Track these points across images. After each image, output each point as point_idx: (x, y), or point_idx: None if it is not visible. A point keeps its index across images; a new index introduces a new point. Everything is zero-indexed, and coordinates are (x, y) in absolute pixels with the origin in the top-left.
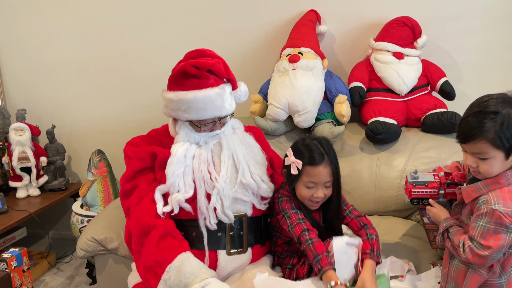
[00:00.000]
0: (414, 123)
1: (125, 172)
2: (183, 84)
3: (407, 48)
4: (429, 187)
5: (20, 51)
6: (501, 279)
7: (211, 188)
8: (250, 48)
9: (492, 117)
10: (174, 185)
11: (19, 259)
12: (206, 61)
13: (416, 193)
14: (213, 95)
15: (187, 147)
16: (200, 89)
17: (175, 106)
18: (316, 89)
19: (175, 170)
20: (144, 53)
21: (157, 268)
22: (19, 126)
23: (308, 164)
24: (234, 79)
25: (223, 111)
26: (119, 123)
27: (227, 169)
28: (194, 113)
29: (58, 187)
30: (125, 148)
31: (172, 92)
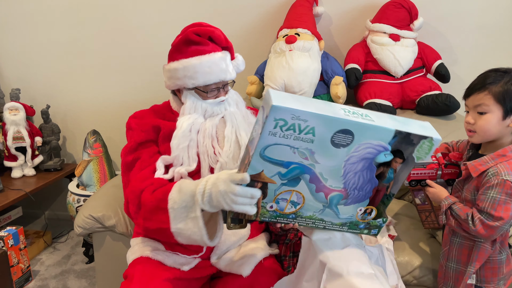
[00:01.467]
0: (409, 105)
1: (127, 144)
2: (186, 52)
3: (404, 30)
4: (428, 168)
5: (14, 30)
6: (502, 255)
7: (215, 162)
8: (247, 29)
9: (501, 74)
10: (178, 157)
11: (15, 238)
12: (206, 29)
13: (414, 175)
14: (217, 59)
15: (192, 121)
16: (204, 54)
17: (180, 74)
18: (312, 70)
19: (180, 143)
20: (139, 33)
21: (161, 204)
22: (14, 105)
23: None
24: (232, 47)
25: (227, 75)
26: (114, 103)
27: (231, 144)
28: (201, 77)
29: (54, 167)
30: (128, 121)
31: (176, 62)
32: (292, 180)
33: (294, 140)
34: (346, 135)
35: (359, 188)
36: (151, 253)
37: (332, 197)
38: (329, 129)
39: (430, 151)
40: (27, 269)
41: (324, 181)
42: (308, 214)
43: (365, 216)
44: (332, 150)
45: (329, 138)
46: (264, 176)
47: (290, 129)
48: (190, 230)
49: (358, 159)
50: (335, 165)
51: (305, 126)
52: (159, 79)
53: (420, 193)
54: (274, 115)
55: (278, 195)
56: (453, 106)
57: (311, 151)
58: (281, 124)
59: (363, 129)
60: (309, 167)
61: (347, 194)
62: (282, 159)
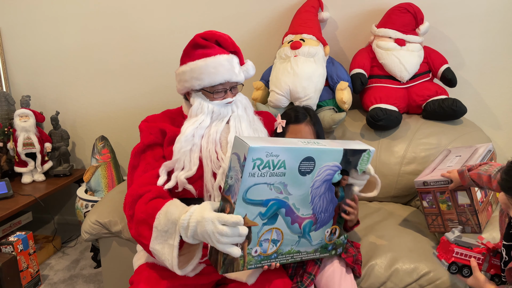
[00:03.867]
0: (415, 110)
1: (137, 144)
2: (193, 55)
3: (409, 35)
4: (475, 251)
5: (24, 37)
6: None
7: (217, 167)
8: (252, 34)
9: None
10: (179, 161)
11: (25, 243)
12: (213, 33)
13: (458, 255)
14: (223, 60)
15: (197, 125)
16: (210, 56)
17: (188, 76)
18: (317, 75)
19: (182, 147)
20: (147, 40)
21: (149, 219)
22: (24, 112)
23: (291, 122)
24: (240, 52)
25: (233, 76)
26: (122, 109)
27: None
28: (206, 78)
29: (63, 172)
30: (140, 124)
31: (185, 65)
32: (271, 218)
33: (270, 176)
34: (309, 162)
35: (324, 210)
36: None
37: (305, 225)
38: (296, 159)
39: (368, 161)
40: (36, 273)
41: (297, 211)
42: (287, 249)
43: (331, 237)
44: (301, 179)
45: (297, 168)
46: (247, 220)
47: (266, 167)
48: (164, 256)
49: (321, 183)
50: (303, 193)
51: (277, 161)
52: (168, 85)
53: (428, 195)
54: (252, 155)
55: (261, 237)
56: (460, 110)
57: (284, 184)
58: (258, 163)
59: (321, 154)
60: (284, 200)
61: (316, 219)
62: (262, 198)
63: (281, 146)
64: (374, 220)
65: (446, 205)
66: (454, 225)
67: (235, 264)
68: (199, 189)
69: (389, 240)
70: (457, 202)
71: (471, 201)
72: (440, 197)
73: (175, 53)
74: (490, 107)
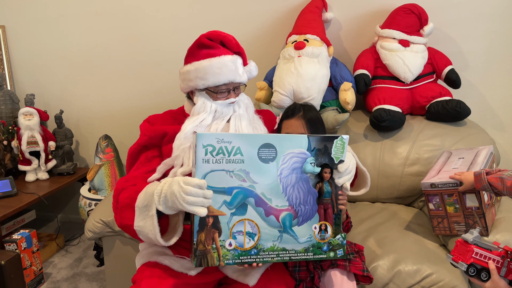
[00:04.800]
0: (418, 111)
1: (133, 144)
2: (198, 55)
3: (413, 36)
4: (494, 254)
5: (29, 36)
6: None
7: None
8: (256, 35)
9: None
10: (178, 157)
11: (28, 241)
12: (218, 34)
13: (477, 256)
14: (227, 61)
15: (197, 124)
16: (214, 57)
17: (192, 75)
18: (321, 76)
19: (182, 144)
20: (152, 39)
21: (132, 202)
22: (28, 110)
23: (283, 118)
24: (244, 53)
25: (237, 77)
26: (126, 109)
27: None
28: (210, 78)
29: (66, 171)
30: (141, 124)
31: (189, 64)
32: (240, 208)
33: (227, 163)
34: (269, 148)
35: (304, 202)
36: (159, 258)
37: (283, 218)
38: (252, 146)
39: (344, 148)
40: (40, 271)
41: (268, 201)
42: (268, 245)
43: (323, 235)
44: (263, 166)
45: (256, 155)
46: (212, 209)
47: (219, 153)
48: (147, 228)
49: (289, 171)
50: (272, 182)
51: (231, 148)
52: (171, 85)
53: (435, 198)
54: (201, 141)
55: (232, 228)
56: (464, 112)
57: (245, 171)
58: (210, 150)
59: (281, 140)
60: (250, 189)
61: (295, 211)
62: (222, 185)
63: (232, 133)
64: (377, 221)
65: (453, 208)
66: (461, 227)
67: (209, 257)
68: None
69: (391, 241)
70: (465, 205)
71: (480, 204)
72: (447, 200)
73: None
74: (494, 108)
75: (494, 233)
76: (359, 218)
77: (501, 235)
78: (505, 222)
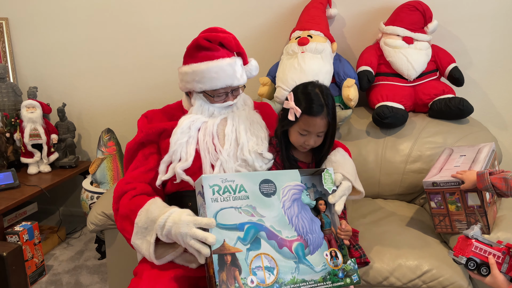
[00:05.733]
0: (421, 108)
1: (130, 141)
2: (196, 57)
3: (417, 33)
4: (495, 249)
5: (32, 29)
6: None
7: (215, 159)
8: (259, 30)
9: None
10: (176, 152)
11: (30, 233)
12: (217, 35)
13: (477, 250)
14: (225, 65)
15: (193, 119)
16: (212, 60)
17: (189, 78)
18: (324, 72)
19: (178, 139)
20: (154, 34)
21: (131, 216)
22: (31, 103)
23: (306, 113)
24: (244, 53)
25: (235, 81)
26: (128, 102)
27: (231, 143)
28: (207, 82)
29: (68, 164)
30: (139, 120)
31: (187, 66)
32: (254, 243)
33: (234, 200)
34: (269, 184)
35: (310, 231)
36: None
37: (296, 248)
38: (253, 182)
39: (332, 179)
40: (41, 263)
41: (279, 233)
42: (288, 278)
43: (335, 261)
44: (267, 200)
45: (258, 190)
46: (228, 246)
47: (226, 191)
48: (143, 250)
49: (291, 202)
50: (277, 214)
51: (235, 186)
52: (173, 79)
53: (437, 196)
54: (207, 182)
55: (251, 264)
56: (467, 110)
57: (252, 206)
58: (217, 189)
59: (277, 176)
60: (259, 223)
61: (305, 241)
62: (234, 222)
63: (234, 173)
64: (378, 217)
65: (455, 206)
66: (462, 226)
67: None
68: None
69: (392, 236)
70: (466, 204)
71: (482, 203)
72: (449, 198)
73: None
74: (496, 107)
75: (495, 231)
76: (360, 213)
77: (502, 233)
78: (506, 220)
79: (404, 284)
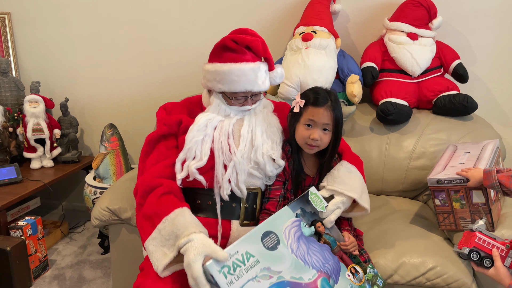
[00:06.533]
0: (425, 105)
1: (152, 132)
2: (221, 57)
3: (422, 29)
4: (499, 242)
5: (35, 23)
6: None
7: (229, 160)
8: (263, 25)
9: None
10: (191, 150)
11: (34, 227)
12: (245, 37)
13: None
14: (247, 70)
15: (210, 117)
16: (236, 63)
17: (211, 77)
18: (328, 68)
19: (194, 137)
20: (157, 28)
21: (155, 218)
22: (34, 98)
23: (311, 104)
24: (271, 59)
25: (255, 87)
26: (131, 98)
27: (246, 144)
28: (227, 84)
29: (71, 159)
30: (157, 111)
31: (210, 64)
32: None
33: (247, 272)
34: (270, 235)
35: (325, 260)
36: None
37: (322, 285)
38: (256, 242)
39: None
40: (45, 258)
41: (301, 280)
42: None
43: (358, 277)
44: (276, 253)
45: (264, 248)
46: None
47: (236, 267)
48: (154, 258)
49: (297, 242)
50: (291, 262)
51: (241, 256)
52: (177, 74)
53: (442, 194)
54: (215, 269)
55: None
56: (471, 106)
57: (266, 268)
58: (226, 270)
59: (273, 223)
60: (280, 281)
61: (325, 273)
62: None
63: (233, 245)
64: (382, 214)
65: (459, 204)
66: (467, 223)
67: None
68: (210, 179)
69: (396, 233)
70: (471, 201)
71: (486, 200)
72: (454, 196)
73: (185, 42)
74: (500, 103)
75: (500, 228)
76: None
77: (507, 230)
78: (510, 217)
79: (408, 282)
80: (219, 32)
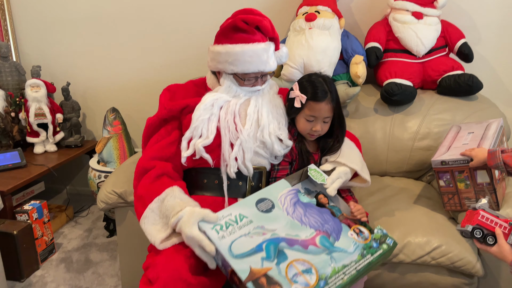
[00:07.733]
0: (430, 85)
1: (152, 116)
2: (232, 38)
3: (427, 8)
4: (502, 220)
5: (34, 6)
6: None
7: (235, 138)
8: (266, 6)
9: None
10: (197, 128)
11: (39, 211)
12: (255, 17)
13: (483, 219)
14: (260, 50)
15: (217, 97)
16: (248, 43)
17: (222, 58)
18: (332, 49)
19: (201, 115)
20: (159, 11)
21: (146, 199)
22: (35, 82)
23: (311, 99)
24: (277, 38)
25: (267, 67)
26: (133, 81)
27: (252, 123)
28: (240, 65)
29: (74, 143)
30: (161, 94)
31: (221, 45)
32: (279, 256)
33: (240, 229)
34: (264, 201)
35: (324, 221)
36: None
37: (321, 241)
38: (249, 206)
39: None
40: (51, 241)
41: (297, 237)
42: (329, 270)
43: (363, 236)
44: (270, 215)
45: (258, 211)
46: (256, 270)
47: (229, 226)
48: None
49: (293, 207)
50: (286, 222)
51: (234, 217)
52: (179, 57)
53: (446, 175)
54: (207, 227)
55: (287, 275)
56: (476, 86)
57: (259, 226)
58: (219, 228)
59: (268, 191)
60: (274, 237)
61: (325, 231)
62: (250, 247)
63: (226, 209)
64: (387, 195)
65: (464, 184)
66: (472, 203)
67: None
68: (217, 158)
69: (401, 214)
70: (475, 181)
71: (491, 180)
72: (458, 176)
73: (187, 24)
74: (505, 83)
75: (505, 207)
76: (368, 190)
77: (505, 210)
78: None
79: (413, 261)
80: (222, 14)
